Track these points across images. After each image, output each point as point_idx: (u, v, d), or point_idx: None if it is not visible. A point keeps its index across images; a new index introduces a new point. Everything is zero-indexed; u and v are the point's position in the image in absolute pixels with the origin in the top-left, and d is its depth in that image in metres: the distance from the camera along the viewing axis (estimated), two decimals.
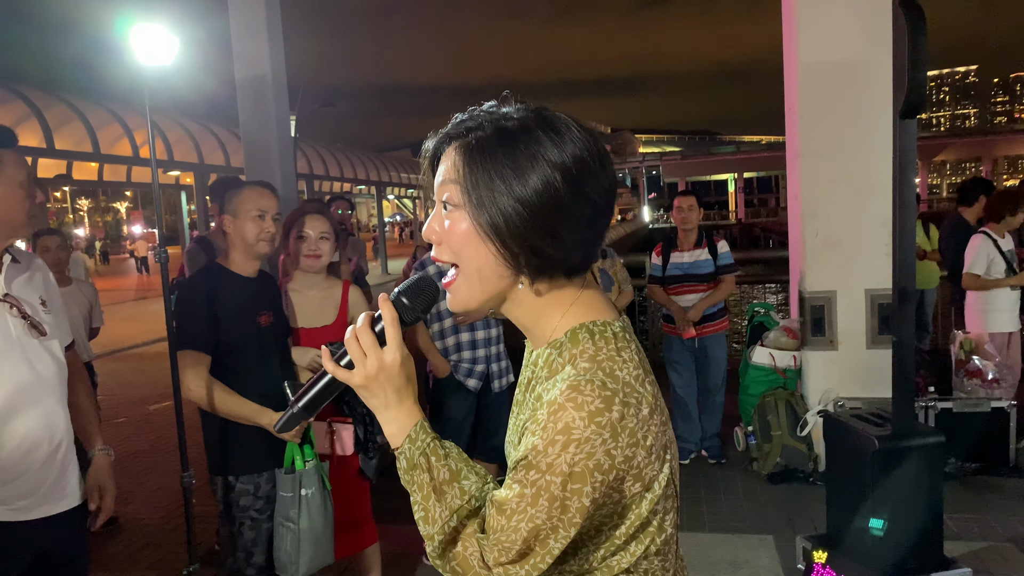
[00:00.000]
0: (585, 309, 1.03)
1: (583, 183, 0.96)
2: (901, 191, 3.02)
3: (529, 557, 0.95)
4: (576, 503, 0.92)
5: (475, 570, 0.98)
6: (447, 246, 1.02)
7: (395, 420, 1.04)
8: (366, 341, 1.02)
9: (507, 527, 0.95)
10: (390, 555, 3.52)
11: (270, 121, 5.46)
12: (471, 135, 0.98)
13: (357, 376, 1.02)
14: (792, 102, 4.79)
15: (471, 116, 1.01)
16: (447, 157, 1.01)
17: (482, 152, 0.96)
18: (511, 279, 1.00)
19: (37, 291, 2.05)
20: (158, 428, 6.80)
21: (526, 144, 0.95)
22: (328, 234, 2.98)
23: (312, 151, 23.20)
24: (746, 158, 61.20)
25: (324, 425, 2.95)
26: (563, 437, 0.91)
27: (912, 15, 2.86)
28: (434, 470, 1.01)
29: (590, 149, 0.97)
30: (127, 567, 4.00)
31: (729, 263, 4.97)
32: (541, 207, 0.94)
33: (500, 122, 0.98)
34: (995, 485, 4.38)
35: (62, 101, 13.80)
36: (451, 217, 1.00)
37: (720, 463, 4.91)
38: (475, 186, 0.96)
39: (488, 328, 3.79)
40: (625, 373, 0.97)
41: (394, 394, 1.03)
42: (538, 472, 0.92)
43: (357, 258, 5.62)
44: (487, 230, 0.96)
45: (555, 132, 0.96)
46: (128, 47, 2.95)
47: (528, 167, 0.94)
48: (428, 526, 1.00)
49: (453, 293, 1.04)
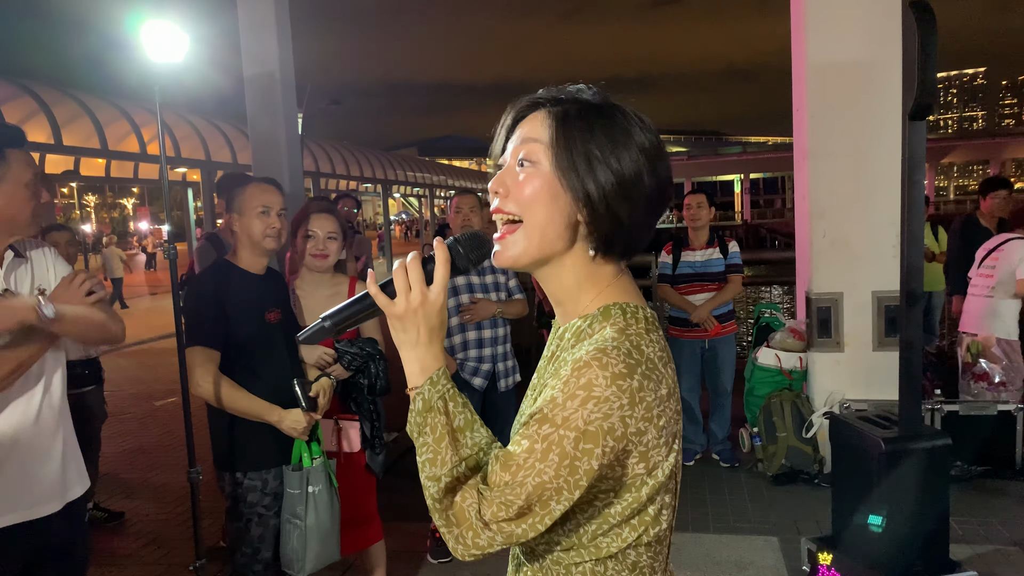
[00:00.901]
0: (619, 291, 1.07)
1: (659, 169, 1.04)
2: (910, 192, 3.01)
3: (528, 516, 0.95)
4: (585, 464, 0.93)
5: (470, 522, 0.96)
6: (515, 200, 1.04)
7: (420, 359, 1.04)
8: (415, 275, 1.03)
9: (512, 483, 0.95)
10: (395, 552, 3.53)
11: (278, 118, 5.47)
12: (564, 105, 1.04)
13: (398, 306, 1.03)
14: (801, 102, 4.78)
15: (559, 90, 1.06)
16: (531, 120, 1.05)
17: (581, 120, 1.02)
18: (567, 243, 1.04)
19: (38, 281, 2.08)
20: (164, 424, 6.83)
21: (620, 122, 1.02)
22: (336, 234, 2.99)
23: (319, 149, 23.23)
24: (752, 159, 61.09)
25: (331, 422, 2.96)
26: (584, 392, 0.93)
27: (922, 16, 2.85)
28: (451, 415, 1.00)
29: (660, 140, 1.05)
30: (133, 563, 4.01)
31: (737, 263, 4.97)
32: (629, 180, 1.01)
33: (591, 99, 1.04)
34: (1001, 488, 4.37)
35: (71, 97, 13.85)
36: (528, 173, 1.03)
37: (734, 467, 4.90)
38: (570, 150, 1.00)
39: (495, 327, 3.79)
40: (651, 351, 1.00)
41: (427, 333, 1.03)
42: (552, 426, 0.94)
43: (364, 257, 5.63)
44: (576, 189, 1.01)
45: (642, 121, 1.04)
46: (139, 44, 2.96)
47: (623, 144, 1.01)
48: (435, 467, 0.99)
49: (507, 246, 1.06)
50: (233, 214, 2.66)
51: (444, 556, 3.77)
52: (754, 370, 5.02)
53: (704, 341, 4.92)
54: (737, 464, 4.92)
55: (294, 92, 5.75)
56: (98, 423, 4.61)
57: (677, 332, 4.99)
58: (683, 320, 4.94)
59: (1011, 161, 57.00)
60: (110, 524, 4.49)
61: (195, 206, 21.11)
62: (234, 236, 2.70)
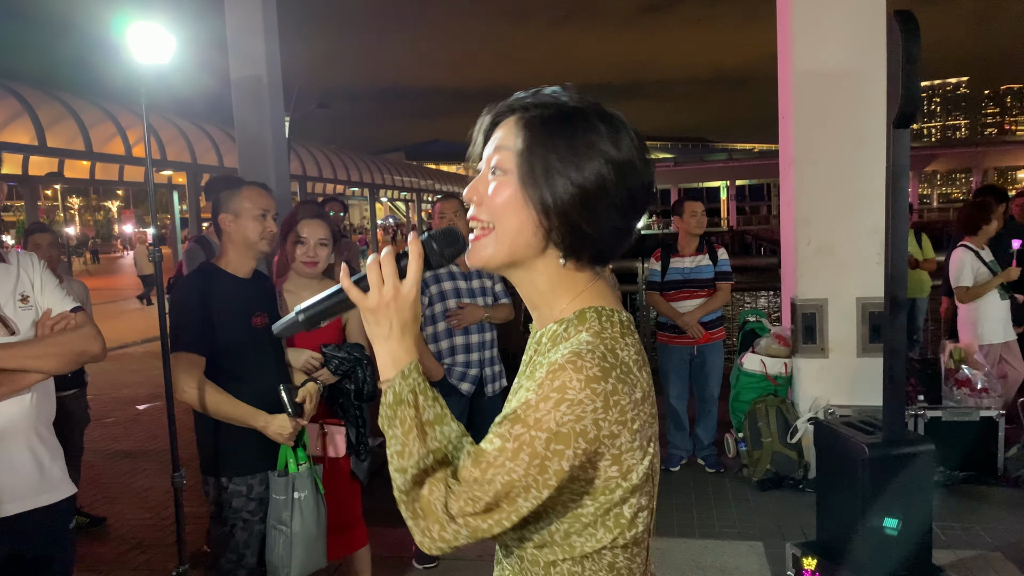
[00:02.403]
0: (595, 296, 1.08)
1: (628, 178, 1.02)
2: (894, 200, 3.04)
3: (495, 512, 0.96)
4: (555, 465, 0.94)
5: (436, 515, 0.97)
6: (487, 209, 1.06)
7: (392, 353, 1.04)
8: (387, 269, 1.04)
9: (480, 479, 0.95)
10: (381, 557, 3.51)
11: (265, 121, 5.46)
12: (534, 111, 1.04)
13: (371, 299, 1.03)
14: (786, 110, 4.82)
15: (534, 94, 1.06)
16: (505, 126, 1.06)
17: (544, 128, 1.02)
18: (538, 250, 1.05)
19: (20, 288, 2.09)
20: (147, 428, 6.77)
21: (585, 131, 1.01)
22: (327, 240, 2.98)
23: (306, 152, 23.16)
24: (738, 165, 61.46)
25: (317, 427, 2.94)
26: (557, 395, 0.94)
27: (906, 25, 2.88)
28: (420, 408, 1.01)
29: (639, 149, 1.04)
30: (115, 568, 3.97)
31: (727, 270, 4.99)
32: (590, 192, 1.00)
33: (564, 106, 1.04)
34: (983, 494, 4.40)
35: (55, 98, 13.75)
36: (498, 181, 1.05)
37: (719, 472, 4.92)
38: (531, 159, 1.01)
39: (482, 332, 3.79)
40: (625, 355, 1.01)
41: (399, 327, 1.04)
42: (524, 427, 0.95)
43: (350, 260, 5.61)
44: (535, 198, 1.01)
45: (612, 127, 1.02)
46: (125, 45, 2.95)
47: (585, 153, 1.00)
48: (403, 459, 0.99)
49: (478, 248, 1.07)
50: (228, 215, 2.63)
51: (429, 562, 3.76)
52: (739, 376, 5.04)
53: (693, 348, 4.93)
54: (722, 469, 4.94)
55: (281, 95, 5.74)
56: (80, 427, 4.57)
57: (667, 338, 5.00)
58: (672, 326, 4.95)
59: (993, 169, 57.60)
60: (92, 529, 4.45)
61: (180, 209, 20.98)
62: (222, 238, 2.68)
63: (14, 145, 13.01)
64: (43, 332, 2.08)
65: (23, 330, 2.07)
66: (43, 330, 2.08)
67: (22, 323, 2.07)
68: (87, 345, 2.12)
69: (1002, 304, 5.11)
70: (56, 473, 2.15)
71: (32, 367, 2.01)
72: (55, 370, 2.07)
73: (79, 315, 2.15)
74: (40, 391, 2.10)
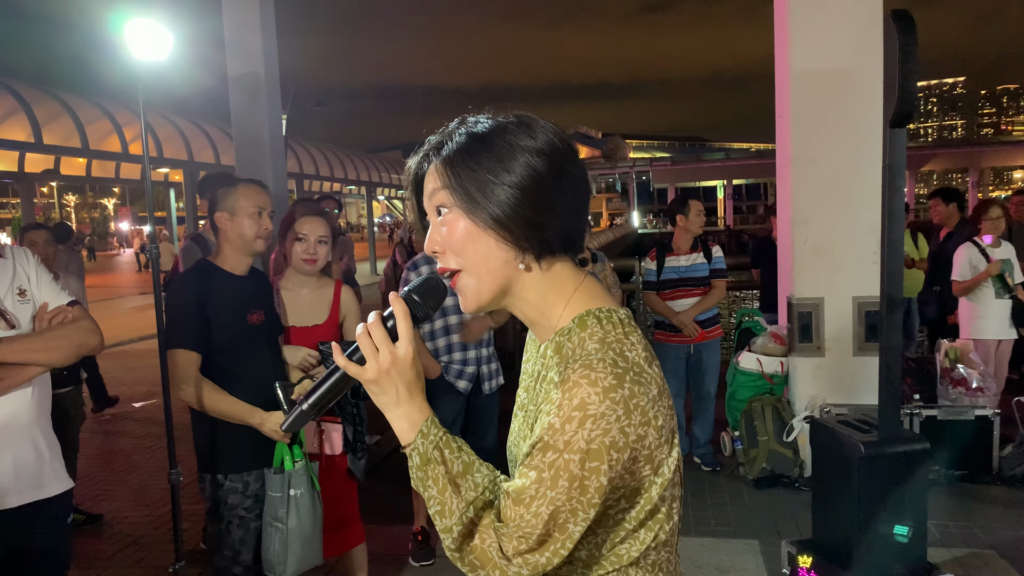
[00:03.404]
0: (588, 297, 1.08)
1: (560, 160, 1.04)
2: (890, 200, 3.05)
3: (549, 543, 0.96)
4: (595, 482, 0.94)
5: (494, 561, 0.97)
6: (450, 251, 1.06)
7: (406, 416, 1.04)
8: (378, 336, 1.03)
9: (526, 515, 0.95)
10: (377, 555, 3.52)
11: (262, 119, 5.45)
12: (447, 147, 1.05)
13: (370, 371, 1.02)
14: (784, 109, 4.83)
15: (441, 133, 1.08)
16: (431, 174, 1.07)
17: (462, 153, 1.03)
18: (515, 262, 1.05)
19: (17, 282, 2.10)
20: (145, 425, 6.77)
21: (500, 137, 1.03)
22: (326, 237, 2.97)
23: (303, 150, 23.13)
24: (735, 165, 61.42)
25: (313, 424, 2.94)
26: (579, 413, 0.93)
27: (903, 25, 2.88)
28: (448, 463, 1.00)
29: (557, 134, 1.06)
30: (112, 565, 3.97)
31: (722, 268, 5.01)
32: (528, 186, 1.01)
33: (471, 128, 1.05)
34: (978, 492, 4.42)
35: (52, 96, 13.72)
36: (447, 221, 1.05)
37: (715, 470, 4.93)
38: (464, 184, 1.02)
39: None
40: (634, 355, 1.01)
41: (405, 389, 1.04)
42: (555, 452, 0.94)
43: (347, 258, 5.61)
44: (485, 219, 1.02)
45: (524, 125, 1.05)
46: (123, 43, 2.94)
47: (508, 156, 1.02)
48: (446, 519, 0.99)
49: (463, 292, 1.07)
50: (223, 213, 2.63)
51: (426, 559, 3.76)
52: (736, 374, 5.05)
53: (690, 346, 4.94)
54: (719, 468, 4.95)
55: (279, 92, 5.73)
56: (77, 424, 4.57)
57: (663, 337, 5.01)
58: (669, 325, 4.96)
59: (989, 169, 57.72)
60: (89, 526, 4.45)
61: (177, 207, 20.95)
62: (218, 236, 2.68)
63: (10, 142, 12.98)
64: (42, 326, 2.09)
65: (23, 324, 2.08)
66: (42, 324, 2.09)
67: (21, 317, 2.09)
68: (86, 338, 2.14)
69: (998, 303, 5.14)
70: (56, 466, 2.16)
71: (34, 360, 2.02)
72: (57, 363, 2.08)
73: (76, 308, 2.16)
74: (39, 385, 2.11)
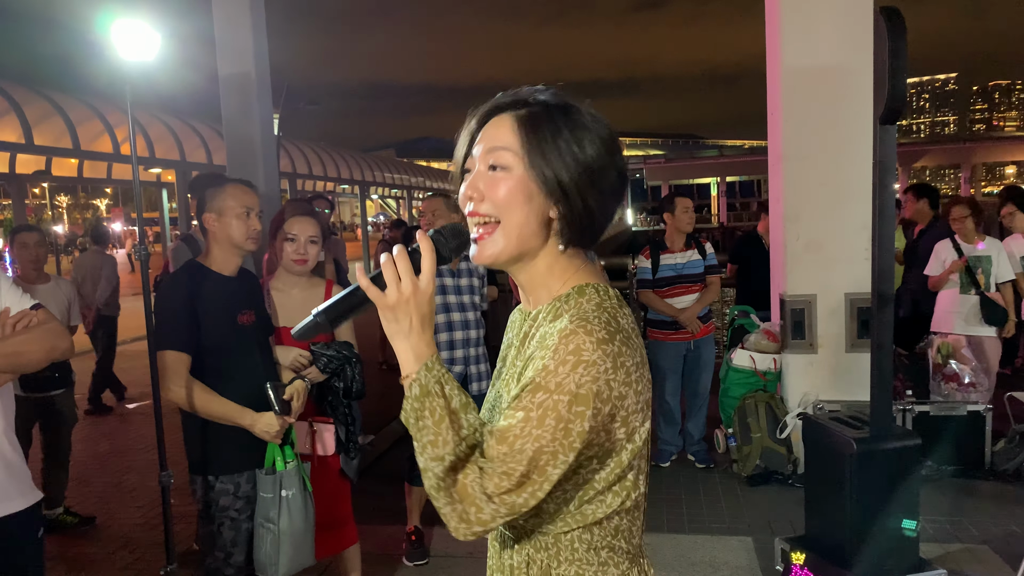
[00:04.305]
0: (588, 275, 1.15)
1: (616, 157, 1.11)
2: (880, 196, 3.05)
3: (528, 484, 0.99)
4: (577, 426, 0.99)
5: (473, 497, 0.99)
6: (491, 202, 1.09)
7: (414, 347, 1.06)
8: (403, 266, 1.05)
9: (510, 452, 0.99)
10: (371, 555, 3.51)
11: (253, 118, 5.43)
12: (527, 107, 1.10)
13: (391, 296, 1.05)
14: (775, 106, 4.83)
15: (516, 94, 1.12)
16: (497, 125, 1.10)
17: (545, 119, 1.08)
18: (542, 240, 1.11)
19: None
20: (136, 427, 6.74)
21: (577, 118, 1.09)
22: (317, 238, 2.96)
23: (295, 149, 23.06)
24: (729, 162, 61.54)
25: (305, 425, 2.93)
26: (574, 358, 0.99)
27: (892, 23, 2.89)
28: (449, 397, 1.03)
29: (611, 131, 1.12)
30: (104, 567, 3.95)
31: (715, 264, 5.04)
32: (595, 169, 1.08)
33: (549, 101, 1.10)
34: (971, 487, 4.43)
35: (42, 96, 13.63)
36: (500, 177, 1.08)
37: (709, 467, 4.93)
38: (541, 149, 1.06)
39: (467, 330, 3.77)
40: (625, 323, 1.08)
41: (419, 322, 1.06)
42: (546, 392, 0.99)
43: (336, 258, 5.60)
44: (548, 184, 1.06)
45: (592, 115, 1.11)
46: (109, 43, 2.92)
47: (583, 137, 1.08)
48: (437, 448, 1.00)
49: (485, 246, 1.11)
50: (211, 214, 2.62)
51: (419, 559, 3.76)
52: (729, 371, 5.05)
53: (689, 343, 4.94)
54: (712, 465, 4.95)
55: (270, 92, 5.71)
56: (68, 426, 4.55)
57: (660, 335, 5.00)
58: (665, 323, 4.95)
59: (981, 165, 57.89)
60: (81, 528, 4.43)
61: (169, 207, 20.88)
62: (207, 236, 2.67)
63: (1, 143, 12.91)
64: (7, 331, 1.98)
65: None
66: (6, 329, 1.98)
67: None
68: (56, 341, 2.04)
69: (963, 297, 5.14)
70: (25, 477, 2.07)
71: (4, 367, 1.93)
72: (28, 368, 1.99)
73: (41, 311, 2.06)
74: (4, 393, 2.02)
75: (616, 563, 1.12)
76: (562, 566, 1.10)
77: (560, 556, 1.10)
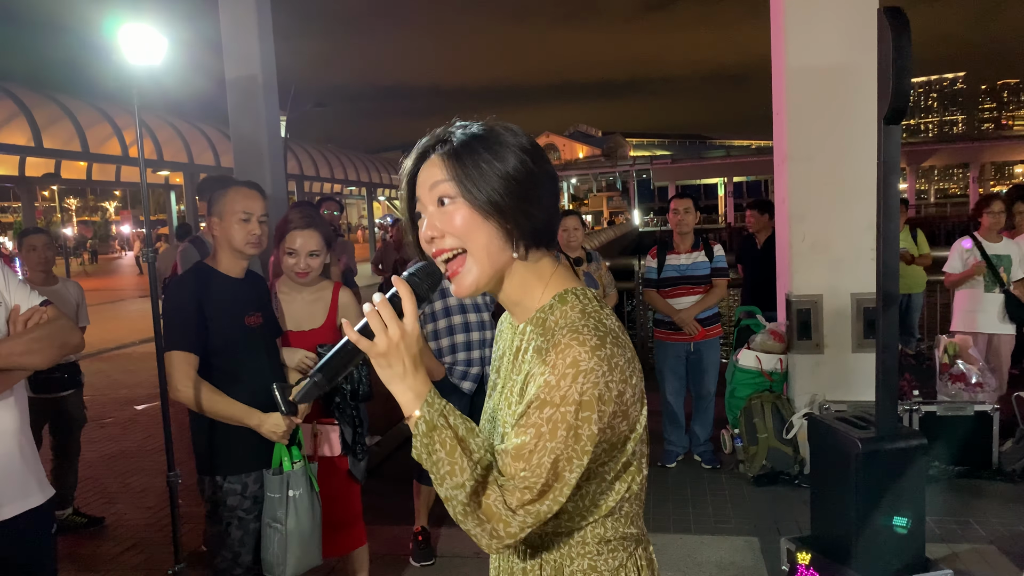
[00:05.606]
0: (563, 280, 1.21)
1: (541, 160, 1.18)
2: (885, 196, 3.05)
3: (549, 493, 1.06)
4: (587, 431, 1.06)
5: (499, 514, 1.06)
6: (451, 234, 1.15)
7: (412, 388, 1.12)
8: (387, 313, 1.11)
9: (528, 468, 1.06)
10: (378, 555, 3.53)
11: (260, 121, 5.45)
12: (445, 145, 1.16)
13: (380, 345, 1.10)
14: (780, 106, 4.83)
15: (434, 135, 1.19)
16: (428, 168, 1.17)
17: (464, 149, 1.14)
18: (509, 252, 1.16)
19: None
20: (145, 428, 6.78)
21: (494, 137, 1.15)
22: (319, 251, 2.90)
23: (303, 152, 23.14)
24: (736, 162, 61.39)
25: (311, 427, 2.95)
26: (572, 370, 1.06)
27: (896, 22, 2.89)
28: (455, 427, 1.09)
29: (531, 139, 1.19)
30: (113, 567, 3.98)
31: (723, 267, 5.00)
32: (522, 180, 1.14)
33: (462, 131, 1.17)
34: (978, 488, 4.42)
35: (51, 100, 13.73)
36: (451, 210, 1.14)
37: (715, 468, 4.93)
38: (468, 176, 1.12)
39: (483, 330, 3.77)
40: (610, 323, 1.14)
41: (411, 363, 1.12)
42: (552, 406, 1.06)
43: (346, 259, 5.62)
44: (487, 207, 1.12)
45: (507, 130, 1.17)
46: (117, 47, 2.95)
47: (503, 153, 1.14)
48: (456, 477, 1.07)
49: (463, 277, 1.16)
50: (214, 218, 2.64)
51: (426, 559, 3.77)
52: (735, 372, 5.05)
53: (690, 344, 4.94)
54: (719, 466, 4.95)
55: (276, 94, 5.74)
56: (78, 427, 4.58)
57: (664, 335, 5.01)
58: (669, 323, 4.96)
59: (990, 164, 57.61)
60: (90, 529, 4.45)
61: (178, 209, 20.98)
62: (214, 239, 2.69)
63: (11, 146, 12.99)
64: (19, 328, 1.98)
65: None
66: (18, 326, 1.98)
67: None
68: (67, 336, 2.04)
69: (989, 296, 5.14)
70: (40, 475, 2.10)
71: (18, 364, 1.93)
72: (41, 364, 1.99)
73: (51, 308, 2.07)
74: (19, 391, 2.04)
75: (624, 547, 1.20)
76: (575, 562, 1.17)
77: (572, 552, 1.17)
